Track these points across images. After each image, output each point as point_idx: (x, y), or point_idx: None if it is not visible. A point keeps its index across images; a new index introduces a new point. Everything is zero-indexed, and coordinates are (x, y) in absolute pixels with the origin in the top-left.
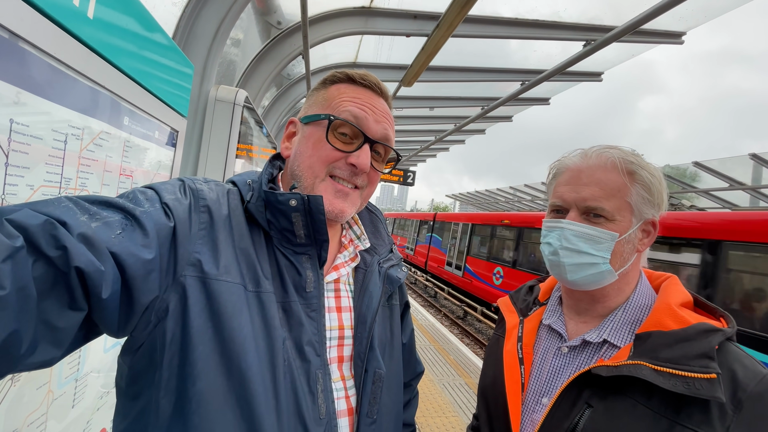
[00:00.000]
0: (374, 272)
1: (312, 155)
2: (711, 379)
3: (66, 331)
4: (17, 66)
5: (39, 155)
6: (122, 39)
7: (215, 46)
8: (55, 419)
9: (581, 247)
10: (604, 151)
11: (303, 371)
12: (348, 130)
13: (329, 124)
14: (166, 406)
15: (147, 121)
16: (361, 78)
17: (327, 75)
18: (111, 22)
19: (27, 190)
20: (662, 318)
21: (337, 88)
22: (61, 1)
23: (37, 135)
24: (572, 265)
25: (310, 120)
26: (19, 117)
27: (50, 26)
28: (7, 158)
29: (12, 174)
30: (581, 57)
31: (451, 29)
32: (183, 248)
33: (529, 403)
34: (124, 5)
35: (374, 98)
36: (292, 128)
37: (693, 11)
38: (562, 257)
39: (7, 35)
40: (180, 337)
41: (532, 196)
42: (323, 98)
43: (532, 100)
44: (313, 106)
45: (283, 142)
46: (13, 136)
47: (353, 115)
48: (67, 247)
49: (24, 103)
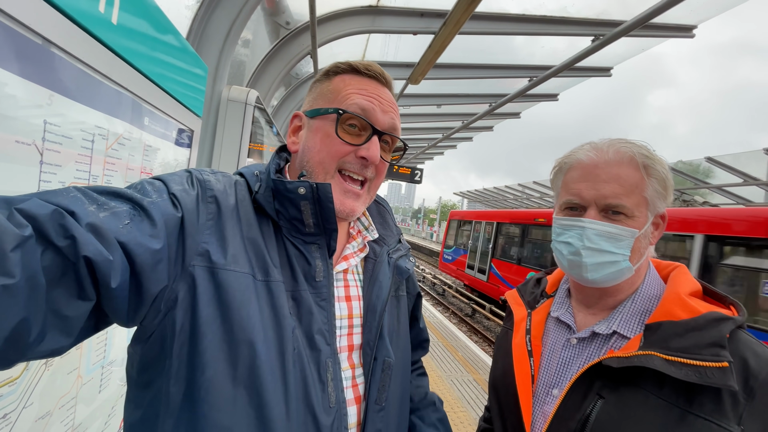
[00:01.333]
0: (383, 262)
1: (321, 150)
2: (723, 368)
3: (75, 320)
4: (49, 70)
5: (69, 154)
6: (142, 43)
7: (227, 47)
8: (83, 403)
9: (603, 246)
10: (621, 146)
11: (313, 360)
12: (356, 122)
13: (338, 117)
14: (176, 395)
15: (165, 122)
16: (366, 68)
17: (329, 66)
18: (132, 27)
19: (59, 187)
20: (672, 308)
21: (342, 80)
22: (87, 8)
23: (67, 135)
24: (594, 264)
25: (316, 114)
26: (52, 118)
27: (78, 32)
28: (42, 156)
29: (46, 171)
30: (589, 52)
31: (458, 26)
32: (191, 238)
33: (539, 394)
34: (144, 11)
35: (380, 88)
36: (297, 122)
37: (704, 3)
38: (584, 257)
39: (40, 41)
40: (189, 326)
41: (540, 193)
42: (328, 90)
43: (540, 96)
44: (319, 99)
45: (289, 137)
46: (47, 136)
47: (361, 108)
48: (75, 237)
49: (55, 105)
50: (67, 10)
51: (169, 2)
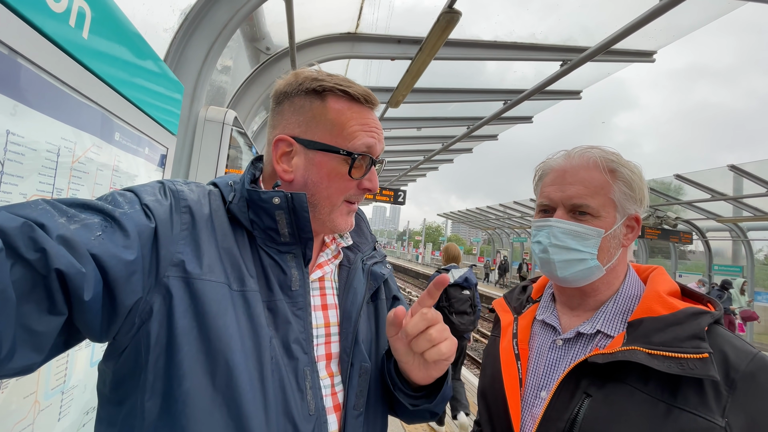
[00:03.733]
0: (358, 269)
1: (329, 186)
2: (703, 359)
3: (46, 335)
4: (14, 80)
5: (33, 165)
6: (114, 56)
7: (205, 69)
8: (40, 431)
9: (569, 243)
10: (586, 151)
11: (291, 369)
12: (364, 160)
13: (352, 161)
14: (152, 409)
15: (137, 138)
16: (365, 98)
17: (314, 83)
18: (102, 38)
19: (20, 198)
20: (652, 305)
21: (340, 109)
22: (55, 20)
23: (31, 146)
24: (561, 262)
25: (318, 148)
26: (15, 128)
27: (47, 43)
28: (2, 167)
29: (6, 182)
30: (558, 76)
31: (433, 52)
32: (165, 249)
33: (528, 398)
34: (114, 25)
35: (374, 116)
36: (285, 147)
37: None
38: (551, 254)
39: (6, 51)
40: (165, 338)
41: (521, 213)
42: (327, 120)
43: (516, 119)
44: (314, 128)
45: (277, 163)
46: (9, 146)
47: (367, 146)
48: (46, 250)
49: (20, 115)
50: (35, 22)
51: (147, 24)
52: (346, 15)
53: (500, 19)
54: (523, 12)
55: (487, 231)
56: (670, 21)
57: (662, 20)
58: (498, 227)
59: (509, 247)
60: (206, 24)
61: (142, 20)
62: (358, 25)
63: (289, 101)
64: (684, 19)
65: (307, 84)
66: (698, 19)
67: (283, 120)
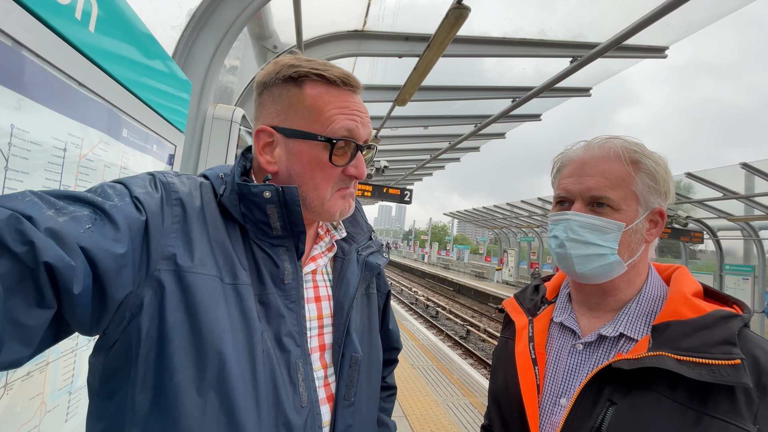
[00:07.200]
0: (352, 260)
1: (314, 176)
2: (736, 365)
3: (35, 329)
4: (19, 73)
5: (38, 161)
6: (119, 50)
7: (213, 67)
8: None
9: (588, 237)
10: (607, 142)
11: (283, 361)
12: (344, 144)
13: (332, 147)
14: (143, 402)
15: (145, 135)
16: (343, 80)
17: (290, 70)
18: (110, 34)
19: None
20: (678, 307)
21: (318, 94)
22: (62, 12)
23: (37, 141)
24: (580, 257)
25: (297, 136)
26: (20, 123)
27: (52, 36)
28: (7, 162)
29: (11, 178)
30: (568, 73)
31: (441, 49)
32: (156, 242)
33: (546, 404)
34: (122, 20)
35: (356, 99)
36: (266, 138)
37: (673, 26)
38: (569, 249)
39: (10, 42)
40: (156, 331)
41: (529, 212)
42: (304, 107)
43: (524, 117)
44: (292, 115)
45: (260, 155)
46: (14, 141)
47: (347, 130)
48: (34, 242)
49: (25, 109)
50: (40, 13)
51: (154, 21)
52: (353, 13)
53: (509, 15)
54: (531, 8)
55: (494, 230)
56: (682, 16)
57: (674, 15)
58: (505, 226)
59: (516, 246)
60: (213, 22)
61: (150, 17)
62: (365, 23)
63: (268, 91)
64: (696, 15)
65: (284, 72)
66: (711, 14)
67: (264, 110)
